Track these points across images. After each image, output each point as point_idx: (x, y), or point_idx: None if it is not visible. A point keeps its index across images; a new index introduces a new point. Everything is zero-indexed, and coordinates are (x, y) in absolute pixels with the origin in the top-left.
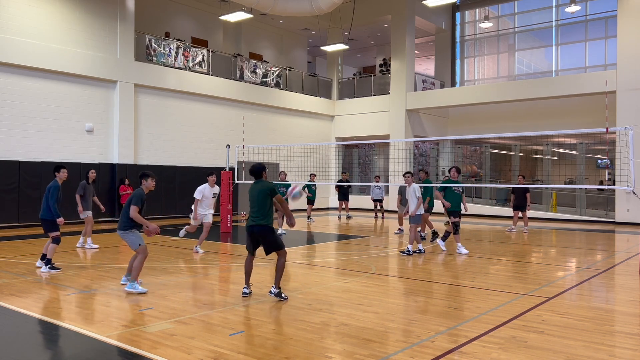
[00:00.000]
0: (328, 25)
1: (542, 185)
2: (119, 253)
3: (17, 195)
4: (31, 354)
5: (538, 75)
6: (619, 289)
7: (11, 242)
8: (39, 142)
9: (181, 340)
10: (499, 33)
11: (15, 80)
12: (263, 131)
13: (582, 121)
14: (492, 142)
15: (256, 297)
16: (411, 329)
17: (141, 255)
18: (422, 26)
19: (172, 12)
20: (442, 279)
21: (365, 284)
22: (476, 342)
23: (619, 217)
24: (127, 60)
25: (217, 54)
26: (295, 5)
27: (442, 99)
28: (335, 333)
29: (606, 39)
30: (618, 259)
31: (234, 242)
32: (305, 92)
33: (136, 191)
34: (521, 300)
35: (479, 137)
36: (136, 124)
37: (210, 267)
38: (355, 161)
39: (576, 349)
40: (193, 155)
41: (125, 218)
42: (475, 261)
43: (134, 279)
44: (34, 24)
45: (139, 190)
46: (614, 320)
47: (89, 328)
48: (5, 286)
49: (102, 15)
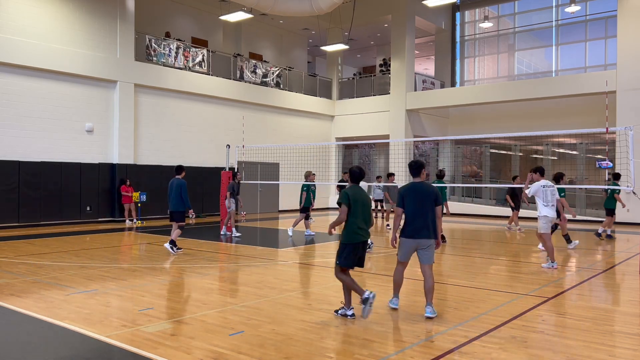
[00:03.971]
0: (328, 25)
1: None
2: (119, 253)
3: (17, 195)
4: (31, 354)
5: (538, 75)
6: (619, 289)
7: (11, 242)
8: (39, 142)
9: (181, 340)
10: (499, 33)
11: (15, 80)
12: (263, 131)
13: (582, 121)
14: (492, 142)
15: (257, 297)
16: (411, 329)
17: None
18: (422, 26)
19: (172, 12)
20: (442, 279)
21: (365, 284)
22: (476, 342)
23: (619, 217)
24: (127, 60)
25: (217, 54)
26: (295, 5)
27: (442, 99)
28: (335, 333)
29: (606, 39)
30: (618, 259)
31: (234, 242)
32: (305, 92)
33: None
34: (521, 300)
35: (479, 137)
36: (136, 124)
37: (210, 267)
38: (355, 161)
39: (576, 349)
40: (193, 155)
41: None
42: (475, 261)
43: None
44: (34, 24)
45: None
46: (614, 320)
47: (89, 328)
48: (5, 286)
49: (102, 15)
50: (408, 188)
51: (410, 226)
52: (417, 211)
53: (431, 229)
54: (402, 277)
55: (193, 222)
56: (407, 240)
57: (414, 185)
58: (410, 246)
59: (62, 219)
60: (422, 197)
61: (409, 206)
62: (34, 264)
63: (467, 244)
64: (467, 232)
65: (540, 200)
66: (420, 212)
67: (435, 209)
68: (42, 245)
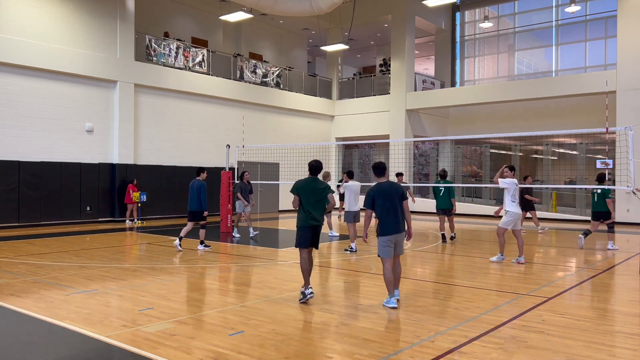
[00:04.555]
0: (328, 25)
1: (542, 185)
2: (119, 253)
3: (17, 195)
4: (31, 354)
5: (538, 75)
6: (619, 289)
7: (11, 242)
8: (39, 142)
9: (181, 340)
10: (499, 33)
11: (15, 80)
12: (263, 131)
13: (582, 121)
14: (492, 142)
15: (257, 297)
16: (411, 329)
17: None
18: (422, 26)
19: (172, 12)
20: (442, 279)
21: (365, 284)
22: (476, 342)
23: (619, 217)
24: (127, 60)
25: (217, 54)
26: (295, 5)
27: (442, 99)
28: (335, 333)
29: (606, 39)
30: (618, 259)
31: (235, 242)
32: (305, 92)
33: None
34: (521, 300)
35: (479, 137)
36: (136, 124)
37: (210, 267)
38: (355, 161)
39: (576, 349)
40: (193, 155)
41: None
42: (475, 261)
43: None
44: (34, 24)
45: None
46: (614, 320)
47: (89, 328)
48: (5, 286)
49: (102, 15)
50: (376, 190)
51: (385, 224)
52: (388, 209)
53: (402, 223)
54: (391, 274)
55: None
56: (385, 239)
57: (381, 185)
58: (390, 243)
59: (62, 219)
60: (390, 196)
61: (380, 206)
62: (34, 264)
63: (467, 244)
64: (467, 232)
65: (510, 197)
66: (392, 210)
67: (403, 205)
68: (42, 245)
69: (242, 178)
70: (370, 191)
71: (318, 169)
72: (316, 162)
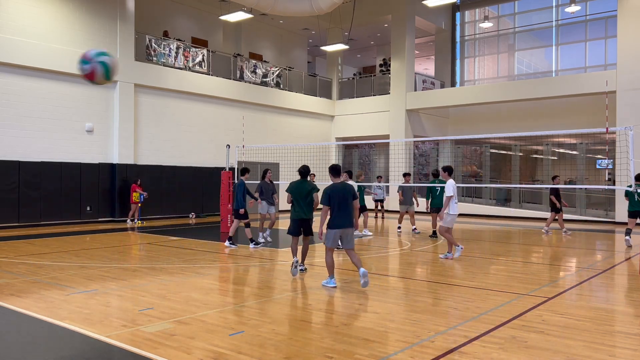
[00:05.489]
0: (328, 25)
1: (542, 185)
2: (119, 253)
3: (17, 195)
4: (31, 354)
5: (538, 75)
6: (619, 289)
7: (11, 242)
8: (39, 142)
9: (181, 340)
10: (499, 33)
11: (15, 80)
12: (263, 131)
13: (582, 121)
14: (492, 142)
15: (257, 297)
16: (411, 329)
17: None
18: (422, 26)
19: (172, 12)
20: (442, 279)
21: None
22: (476, 342)
23: (619, 217)
24: (127, 60)
25: (217, 54)
26: (295, 5)
27: (442, 99)
28: (335, 333)
29: (606, 39)
30: (618, 259)
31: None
32: (305, 92)
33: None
34: (521, 300)
35: (479, 137)
36: (136, 124)
37: (210, 267)
38: (355, 161)
39: (576, 349)
40: (193, 155)
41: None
42: (475, 261)
43: None
44: (34, 24)
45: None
46: (614, 320)
47: (89, 328)
48: (5, 286)
49: (102, 15)
50: (332, 189)
51: (336, 219)
52: (341, 206)
53: (351, 219)
54: (333, 260)
55: (193, 222)
56: (333, 231)
57: (335, 185)
58: (336, 234)
59: (62, 219)
60: (343, 195)
61: (334, 203)
62: (34, 264)
63: (467, 244)
64: (467, 232)
65: (454, 198)
66: (343, 207)
67: (353, 203)
68: (42, 245)
69: (264, 177)
70: (327, 189)
71: (305, 173)
72: (304, 168)
